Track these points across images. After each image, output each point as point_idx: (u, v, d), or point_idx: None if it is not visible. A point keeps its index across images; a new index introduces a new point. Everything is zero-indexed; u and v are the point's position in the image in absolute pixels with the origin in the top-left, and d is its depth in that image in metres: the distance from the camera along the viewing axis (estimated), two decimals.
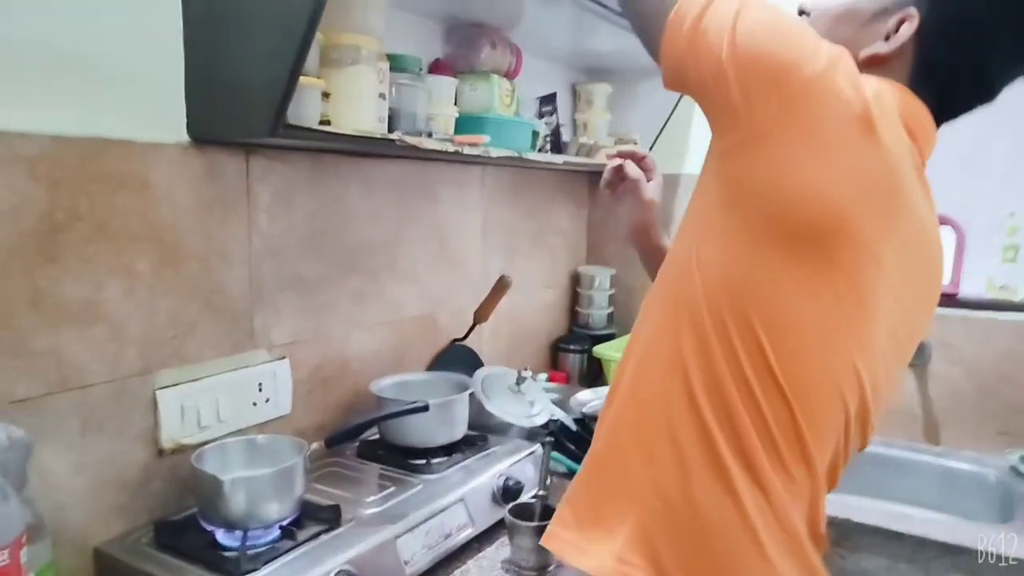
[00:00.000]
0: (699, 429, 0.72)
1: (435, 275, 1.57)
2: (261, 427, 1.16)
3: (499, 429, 1.40)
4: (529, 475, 1.27)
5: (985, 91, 0.77)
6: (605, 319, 2.12)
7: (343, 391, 1.34)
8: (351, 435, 1.11)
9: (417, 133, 1.21)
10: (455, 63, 1.47)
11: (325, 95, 1.06)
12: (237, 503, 0.92)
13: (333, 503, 1.03)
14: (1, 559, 0.68)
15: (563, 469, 1.41)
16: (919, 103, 0.75)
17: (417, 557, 1.02)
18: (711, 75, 0.68)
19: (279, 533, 0.96)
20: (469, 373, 1.45)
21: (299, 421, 1.24)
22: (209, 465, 0.97)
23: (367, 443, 1.30)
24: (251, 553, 0.92)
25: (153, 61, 0.97)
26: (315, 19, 0.87)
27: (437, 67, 1.41)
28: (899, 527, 1.29)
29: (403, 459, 1.23)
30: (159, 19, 0.97)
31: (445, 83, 1.37)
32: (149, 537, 0.97)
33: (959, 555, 1.24)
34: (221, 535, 0.95)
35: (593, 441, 0.85)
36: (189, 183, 1.03)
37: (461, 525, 1.12)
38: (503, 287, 1.62)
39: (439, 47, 1.50)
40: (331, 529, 0.99)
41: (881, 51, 0.76)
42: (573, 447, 1.45)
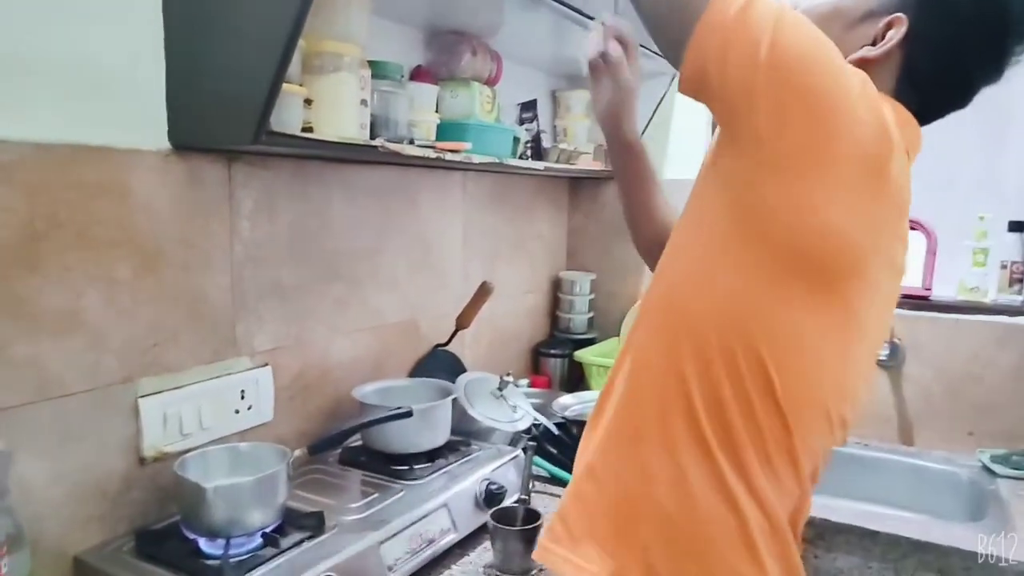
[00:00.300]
0: (700, 447, 0.73)
1: (417, 281, 1.58)
2: (243, 434, 1.16)
3: (482, 434, 1.41)
4: (511, 480, 1.27)
5: (964, 96, 0.79)
6: (586, 324, 2.14)
7: (325, 398, 1.34)
8: (334, 442, 1.11)
9: (399, 140, 1.21)
10: (436, 70, 1.48)
11: (307, 102, 1.07)
12: (220, 511, 0.92)
13: (316, 510, 1.03)
14: None
15: (545, 474, 1.43)
16: (907, 113, 0.76)
17: (400, 563, 1.02)
18: (739, 89, 0.64)
19: (262, 541, 0.96)
20: (451, 379, 1.46)
21: (281, 428, 1.24)
22: (192, 473, 0.97)
23: (349, 449, 1.30)
24: (234, 561, 0.91)
25: (134, 67, 0.96)
26: (298, 26, 0.87)
27: (418, 74, 1.42)
28: (873, 526, 1.32)
29: (386, 465, 1.24)
30: (140, 25, 0.97)
31: (426, 90, 1.38)
32: (130, 546, 0.96)
33: (929, 553, 1.27)
34: (203, 543, 0.95)
35: (583, 450, 0.85)
36: (170, 190, 1.02)
37: (444, 530, 1.12)
38: (485, 293, 1.63)
39: (420, 54, 1.51)
40: (314, 536, 0.99)
41: (869, 55, 0.76)
42: (555, 451, 1.46)
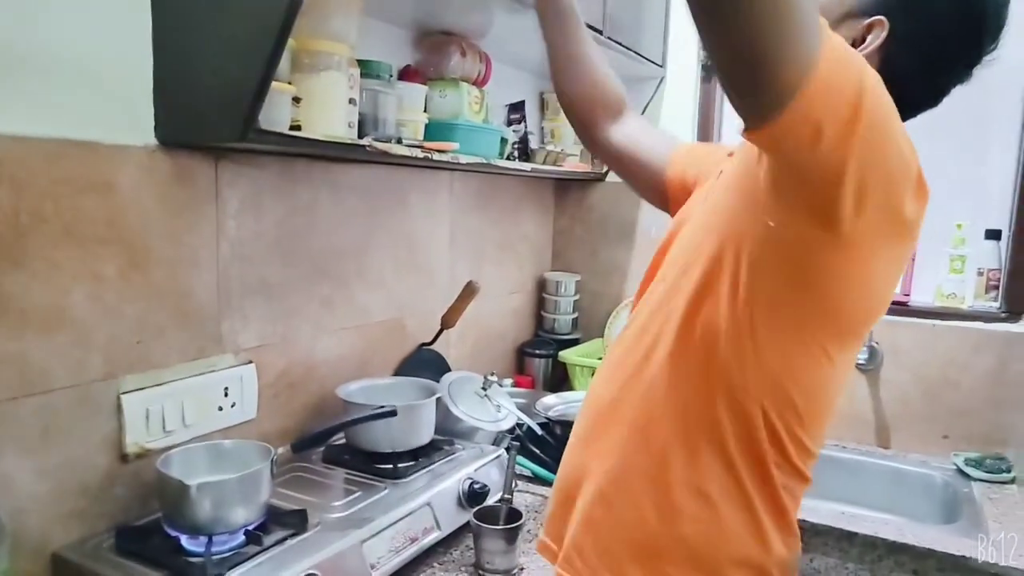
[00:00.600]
0: (737, 488, 0.76)
1: (403, 280, 1.58)
2: (227, 432, 1.15)
3: (465, 433, 1.41)
4: (494, 479, 1.28)
5: (938, 96, 0.80)
6: (570, 324, 2.15)
7: (309, 396, 1.34)
8: (318, 440, 1.11)
9: (387, 139, 1.22)
10: (425, 70, 1.48)
11: (296, 100, 1.07)
12: (203, 508, 0.92)
13: (299, 508, 1.03)
14: None
15: (528, 473, 1.44)
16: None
17: (383, 561, 1.03)
18: (830, 164, 0.61)
19: (244, 538, 0.96)
20: (436, 378, 1.47)
21: (265, 426, 1.24)
22: (175, 470, 0.96)
23: (333, 448, 1.30)
24: (216, 558, 0.91)
25: (120, 62, 0.96)
26: (287, 24, 0.88)
27: (407, 74, 1.42)
28: (850, 527, 1.34)
29: (369, 463, 1.24)
30: (128, 19, 0.96)
31: (415, 90, 1.38)
32: (110, 543, 0.96)
33: (904, 554, 1.29)
34: (185, 540, 0.94)
35: (579, 464, 0.85)
36: (157, 187, 1.02)
37: (427, 529, 1.13)
38: (471, 292, 1.64)
39: (409, 54, 1.51)
40: (297, 534, 0.99)
41: None
42: (538, 451, 1.47)
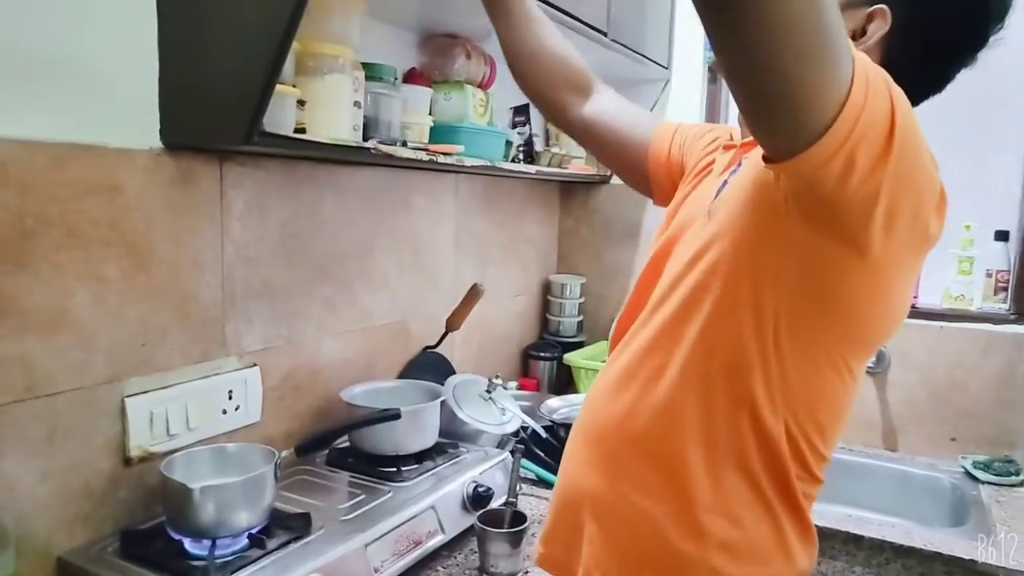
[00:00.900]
0: (764, 508, 0.76)
1: (407, 283, 1.58)
2: (231, 435, 1.15)
3: (470, 436, 1.41)
4: (499, 482, 1.28)
5: (943, 83, 0.79)
6: (575, 327, 2.15)
7: (314, 399, 1.34)
8: (322, 442, 1.11)
9: (392, 142, 1.22)
10: (430, 73, 1.49)
11: (301, 103, 1.07)
12: (206, 511, 0.92)
13: (303, 511, 1.03)
14: None
15: (533, 476, 1.43)
16: None
17: (387, 564, 1.02)
18: (857, 194, 0.59)
19: (248, 542, 0.96)
20: (441, 380, 1.46)
21: (269, 429, 1.23)
22: (178, 473, 0.96)
23: (337, 451, 1.30)
24: (220, 562, 0.91)
25: (126, 66, 0.96)
26: (292, 27, 0.88)
27: (412, 77, 1.42)
28: (857, 531, 1.33)
29: (373, 467, 1.24)
30: (133, 23, 0.96)
31: (420, 92, 1.38)
32: (115, 546, 0.95)
33: (911, 558, 1.28)
34: (189, 544, 0.94)
35: (581, 474, 0.83)
36: (161, 189, 1.02)
37: (431, 532, 1.12)
38: (475, 295, 1.63)
39: (414, 57, 1.51)
40: (301, 537, 0.99)
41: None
42: (543, 454, 1.47)
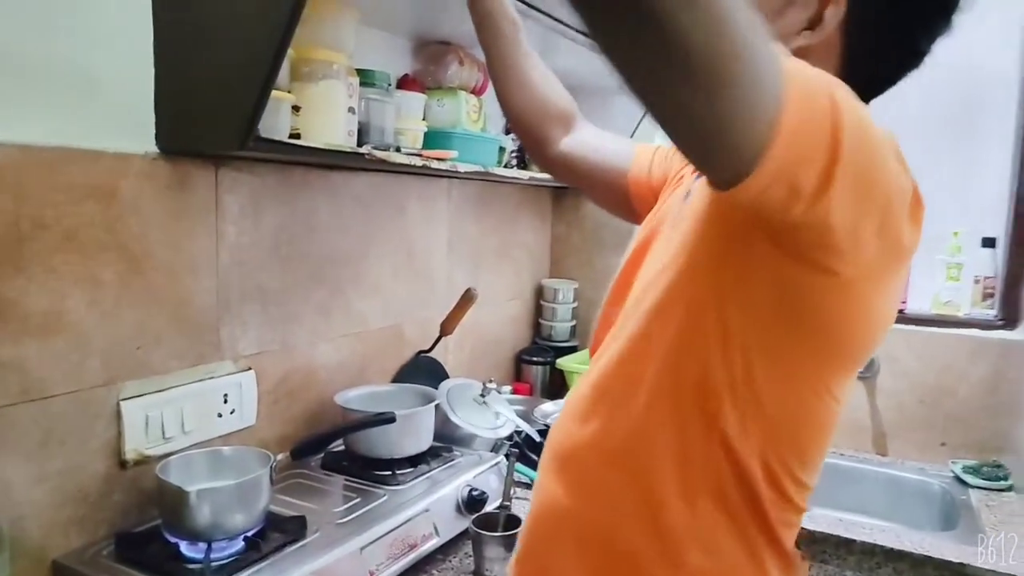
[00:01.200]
0: (740, 536, 0.69)
1: (401, 287, 1.58)
2: (226, 438, 1.15)
3: (464, 440, 1.42)
4: (493, 486, 1.28)
5: (917, 58, 0.70)
6: (568, 332, 2.16)
7: (308, 403, 1.34)
8: (318, 446, 1.12)
9: (386, 147, 1.22)
10: (423, 79, 1.50)
11: (295, 109, 1.08)
12: (202, 515, 0.92)
13: (298, 514, 1.03)
14: None
15: (527, 480, 1.44)
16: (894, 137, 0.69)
17: (382, 568, 1.03)
18: (808, 218, 0.54)
19: (244, 545, 0.96)
20: (434, 385, 1.47)
21: (264, 432, 1.24)
22: (174, 476, 0.96)
23: (332, 455, 1.30)
24: (215, 565, 0.92)
25: (122, 71, 0.97)
26: (288, 34, 0.88)
27: (405, 83, 1.44)
28: (848, 535, 1.34)
29: (368, 470, 1.24)
30: (129, 29, 0.97)
31: (413, 98, 1.39)
32: (110, 549, 0.96)
33: (903, 561, 1.30)
34: (185, 547, 0.95)
35: (559, 508, 0.77)
36: (157, 194, 1.02)
37: (426, 535, 1.13)
38: (469, 300, 1.64)
39: (408, 63, 1.53)
40: (296, 540, 0.99)
41: (806, 43, 0.67)
42: (537, 458, 1.47)
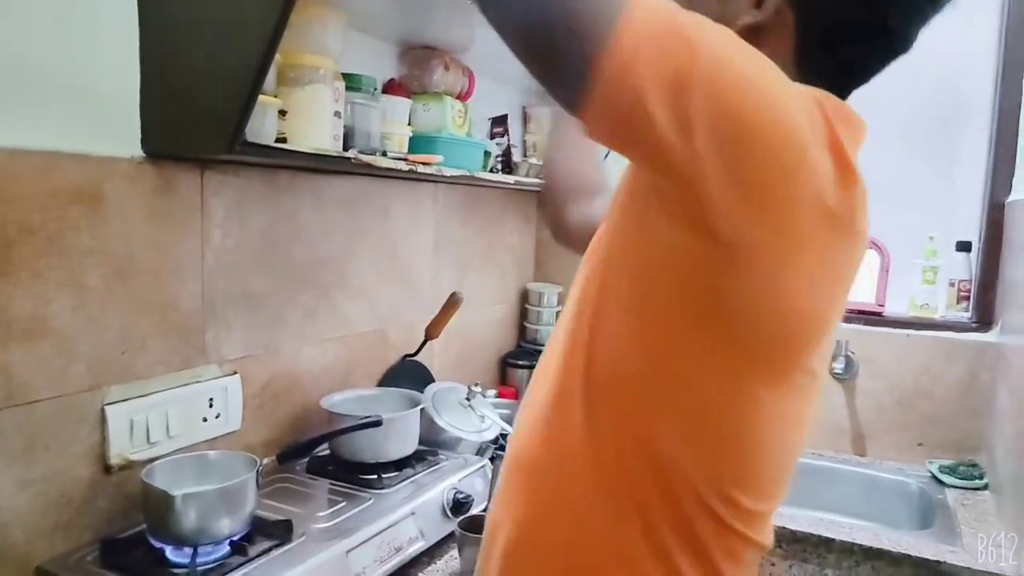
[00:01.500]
0: (663, 556, 0.61)
1: (386, 291, 1.59)
2: (211, 443, 1.15)
3: (449, 444, 1.42)
4: (479, 489, 1.29)
5: (892, 37, 0.61)
6: None
7: (293, 407, 1.34)
8: (305, 450, 1.12)
9: (371, 151, 1.23)
10: (409, 84, 1.50)
11: (282, 113, 1.08)
12: (188, 519, 0.92)
13: (284, 518, 1.03)
14: None
15: None
16: (856, 115, 0.59)
17: (368, 571, 1.03)
18: (674, 151, 0.48)
19: (230, 549, 0.96)
20: (420, 388, 1.47)
21: (249, 437, 1.23)
22: (159, 481, 0.96)
23: (317, 459, 1.30)
24: (201, 570, 0.92)
25: (108, 75, 0.97)
26: (276, 39, 0.89)
27: (391, 87, 1.44)
28: (827, 534, 1.37)
29: (354, 474, 1.24)
30: (115, 33, 0.97)
31: (399, 103, 1.40)
32: (94, 555, 0.95)
33: (881, 559, 1.32)
34: (170, 552, 0.94)
35: (494, 519, 0.71)
36: (143, 197, 1.02)
37: (412, 539, 1.13)
38: (454, 304, 1.65)
39: (394, 68, 1.53)
40: (282, 544, 0.99)
41: (753, 21, 0.61)
42: None
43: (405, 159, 1.29)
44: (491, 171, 1.69)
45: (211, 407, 1.15)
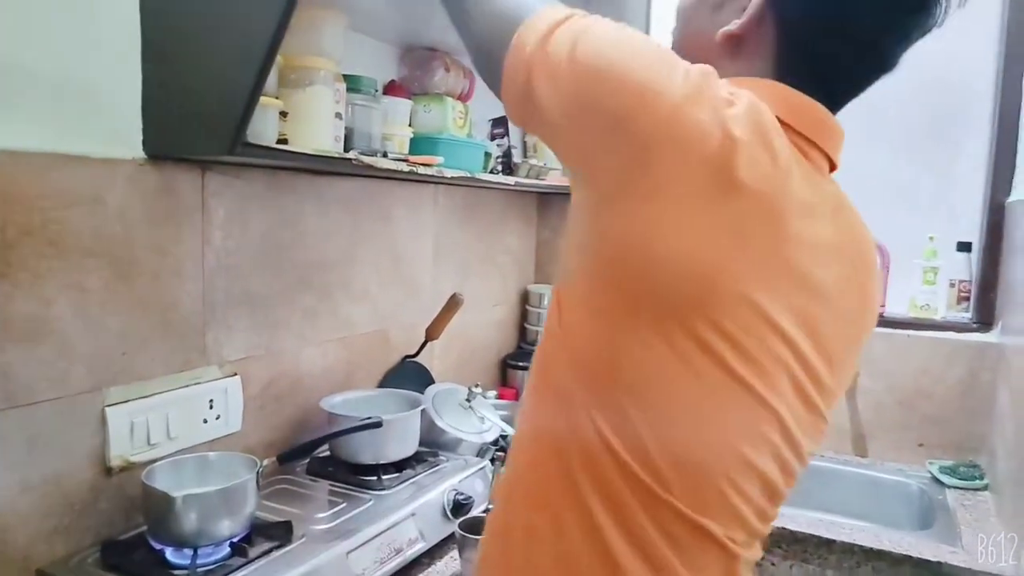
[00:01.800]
0: (588, 520, 0.63)
1: (387, 292, 1.59)
2: (211, 444, 1.15)
3: (449, 445, 1.42)
4: (479, 490, 1.29)
5: (869, 54, 0.65)
6: None
7: (294, 408, 1.34)
8: (305, 451, 1.12)
9: (372, 153, 1.23)
10: (410, 85, 1.51)
11: (283, 114, 1.08)
12: (188, 520, 0.92)
13: (284, 520, 1.04)
14: None
15: None
16: (803, 98, 0.64)
17: (368, 572, 1.03)
18: (555, 123, 0.60)
19: (230, 550, 0.96)
20: (420, 390, 1.48)
21: (249, 438, 1.23)
22: (160, 482, 0.96)
23: (317, 460, 1.30)
24: (201, 571, 0.92)
25: (110, 77, 0.97)
26: (277, 41, 0.89)
27: (392, 89, 1.44)
28: (828, 535, 1.37)
29: (354, 475, 1.24)
30: (117, 35, 0.97)
31: (400, 104, 1.40)
32: (95, 557, 0.95)
33: (882, 560, 1.32)
34: (171, 553, 0.95)
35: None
36: (144, 199, 1.02)
37: (412, 540, 1.13)
38: (455, 305, 1.65)
39: (394, 69, 1.53)
40: (282, 545, 0.99)
41: (732, 31, 0.66)
42: None
43: (406, 160, 1.29)
44: (491, 172, 1.69)
45: (211, 408, 1.15)
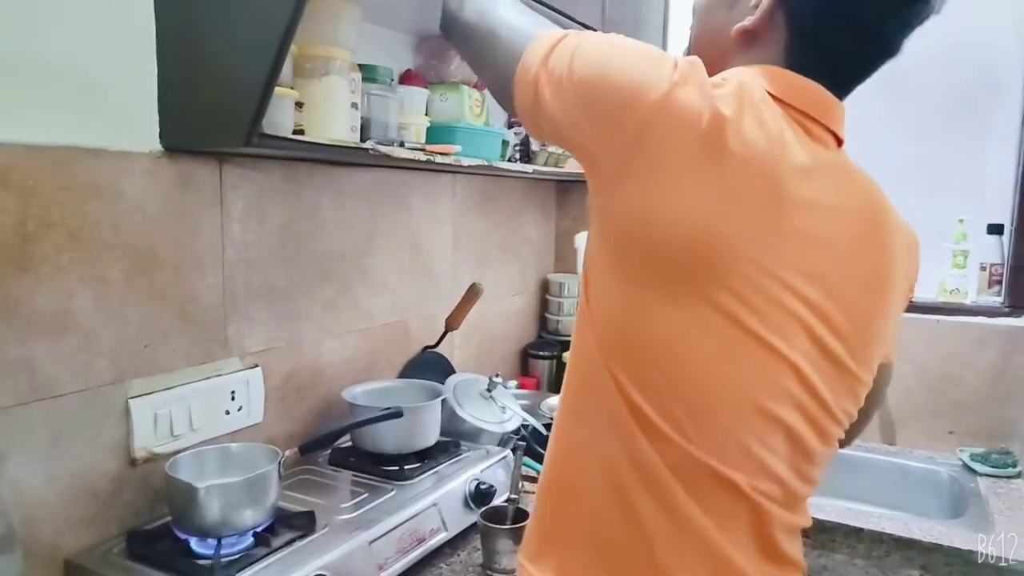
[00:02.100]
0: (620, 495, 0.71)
1: (406, 283, 1.58)
2: (234, 435, 1.16)
3: (471, 435, 1.42)
4: (501, 480, 1.29)
5: (874, 43, 0.70)
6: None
7: (315, 399, 1.35)
8: (326, 442, 1.12)
9: (389, 142, 1.22)
10: (426, 74, 1.49)
11: (299, 105, 1.08)
12: (212, 511, 0.93)
13: (307, 510, 1.04)
14: None
15: (534, 473, 1.44)
16: (800, 78, 0.69)
17: (391, 561, 1.03)
18: (562, 124, 0.68)
19: (253, 540, 0.97)
20: (441, 380, 1.47)
21: (271, 429, 1.24)
22: (183, 473, 0.97)
23: (339, 450, 1.30)
24: (225, 561, 0.92)
25: (126, 70, 0.97)
26: (291, 31, 0.88)
27: (408, 78, 1.43)
28: (856, 523, 1.34)
29: (376, 466, 1.25)
30: (132, 28, 0.97)
31: (416, 93, 1.39)
32: (121, 547, 0.96)
33: (912, 549, 1.30)
34: (195, 543, 0.95)
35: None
36: (162, 192, 1.03)
37: (434, 529, 1.13)
38: (474, 295, 1.64)
39: (410, 58, 1.52)
40: (305, 535, 1.00)
41: (746, 26, 0.72)
42: (544, 452, 1.47)
43: (423, 149, 1.28)
44: (509, 161, 1.67)
45: (233, 400, 1.16)
